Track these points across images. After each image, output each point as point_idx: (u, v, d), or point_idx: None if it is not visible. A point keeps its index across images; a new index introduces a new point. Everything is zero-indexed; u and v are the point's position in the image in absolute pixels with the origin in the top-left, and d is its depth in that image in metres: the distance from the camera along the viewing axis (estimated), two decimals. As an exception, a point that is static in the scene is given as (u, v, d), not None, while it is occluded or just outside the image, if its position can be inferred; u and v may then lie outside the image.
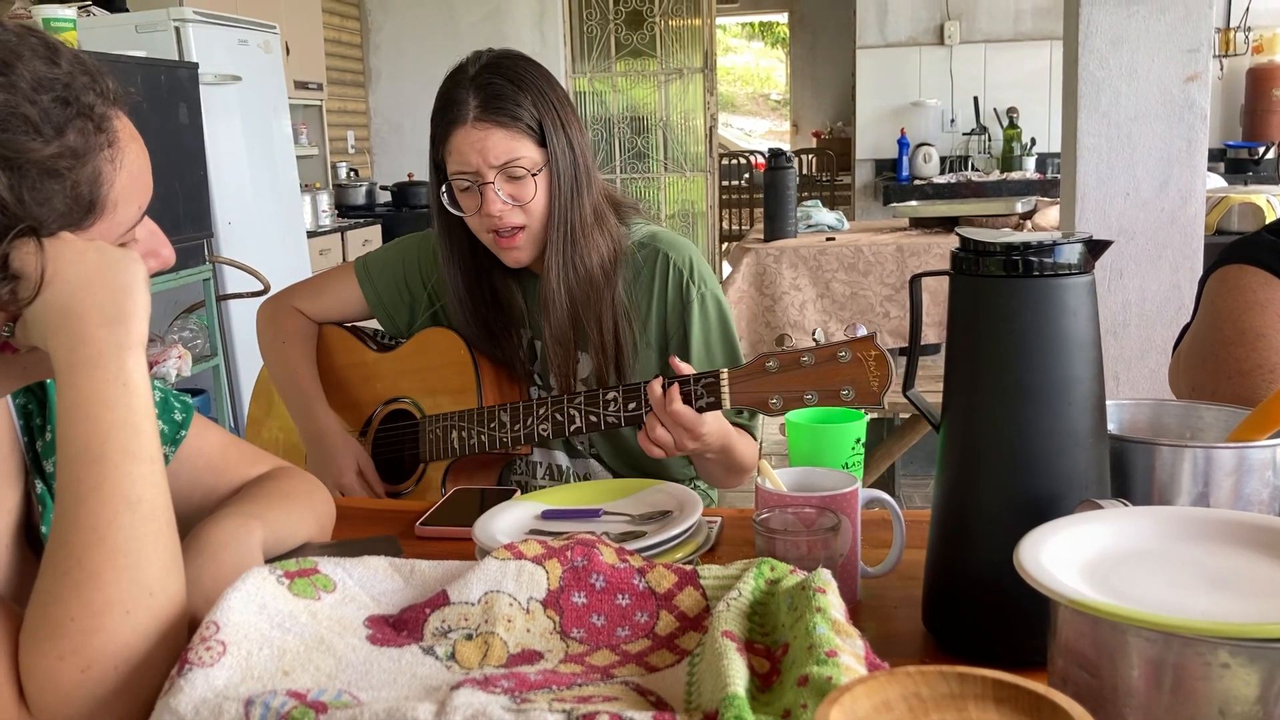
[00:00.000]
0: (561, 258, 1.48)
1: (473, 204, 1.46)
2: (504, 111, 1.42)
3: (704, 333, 1.52)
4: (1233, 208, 3.46)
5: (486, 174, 1.42)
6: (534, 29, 6.66)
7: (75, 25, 3.32)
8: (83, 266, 0.77)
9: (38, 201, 0.75)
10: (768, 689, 0.73)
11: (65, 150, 0.76)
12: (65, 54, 0.79)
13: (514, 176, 1.43)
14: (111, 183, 0.80)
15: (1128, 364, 2.59)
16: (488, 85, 1.42)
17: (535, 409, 1.45)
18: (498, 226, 1.45)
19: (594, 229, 1.50)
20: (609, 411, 1.38)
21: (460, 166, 1.44)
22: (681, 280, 1.53)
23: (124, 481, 0.76)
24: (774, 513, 0.98)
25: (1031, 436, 0.84)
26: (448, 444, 1.53)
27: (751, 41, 15.18)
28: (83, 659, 0.72)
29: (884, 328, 3.71)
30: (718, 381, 1.28)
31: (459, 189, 1.46)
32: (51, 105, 0.76)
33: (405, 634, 0.81)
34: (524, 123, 1.43)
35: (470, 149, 1.42)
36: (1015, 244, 0.84)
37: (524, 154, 1.43)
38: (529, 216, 1.46)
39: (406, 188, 6.24)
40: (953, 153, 6.77)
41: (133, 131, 0.83)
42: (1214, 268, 1.53)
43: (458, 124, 1.43)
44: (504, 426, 1.47)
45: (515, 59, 1.48)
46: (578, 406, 1.41)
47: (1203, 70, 2.48)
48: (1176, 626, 0.61)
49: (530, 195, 1.44)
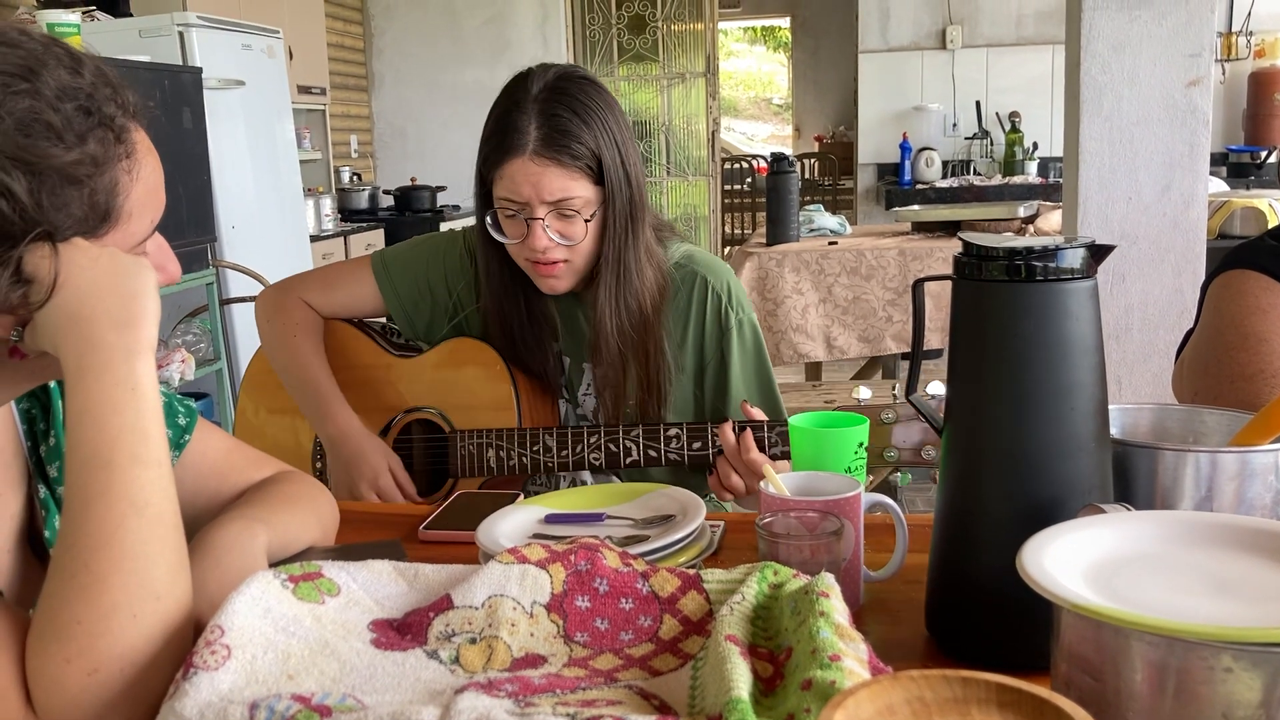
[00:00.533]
0: (615, 298, 1.44)
1: (517, 232, 1.42)
2: (564, 149, 1.36)
3: (743, 361, 1.52)
4: (1235, 212, 3.46)
5: (537, 209, 1.38)
6: (536, 33, 6.67)
7: (79, 30, 3.32)
8: (94, 272, 0.78)
9: (55, 207, 0.76)
10: (771, 693, 0.73)
11: (86, 158, 0.77)
12: (89, 65, 0.80)
13: (564, 215, 1.39)
14: (128, 193, 0.81)
15: (1130, 368, 2.59)
16: (552, 117, 1.36)
17: (586, 436, 1.42)
18: (540, 259, 1.41)
19: (645, 263, 1.46)
20: (671, 448, 1.36)
21: (510, 195, 1.39)
22: (720, 306, 1.51)
23: (131, 486, 0.76)
24: (777, 517, 0.98)
25: (1034, 441, 0.84)
26: (483, 462, 1.48)
27: (754, 46, 15.20)
28: (89, 662, 0.72)
29: (886, 332, 3.71)
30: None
31: (504, 215, 1.42)
32: (74, 114, 0.77)
33: (409, 638, 0.81)
34: (583, 161, 1.38)
35: (524, 182, 1.37)
36: (1018, 249, 0.84)
37: (578, 193, 1.38)
38: (573, 253, 1.42)
39: (409, 192, 6.25)
40: (955, 157, 6.78)
41: (149, 145, 0.84)
42: (1216, 273, 1.53)
43: (514, 153, 1.37)
44: (549, 450, 1.43)
45: (580, 84, 1.41)
46: (635, 439, 1.38)
47: (1205, 75, 2.48)
48: (1180, 631, 0.61)
49: (579, 235, 1.40)
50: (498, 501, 1.25)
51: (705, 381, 1.53)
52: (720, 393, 1.53)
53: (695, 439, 1.36)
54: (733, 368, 1.51)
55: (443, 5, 6.71)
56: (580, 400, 1.57)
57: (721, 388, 1.52)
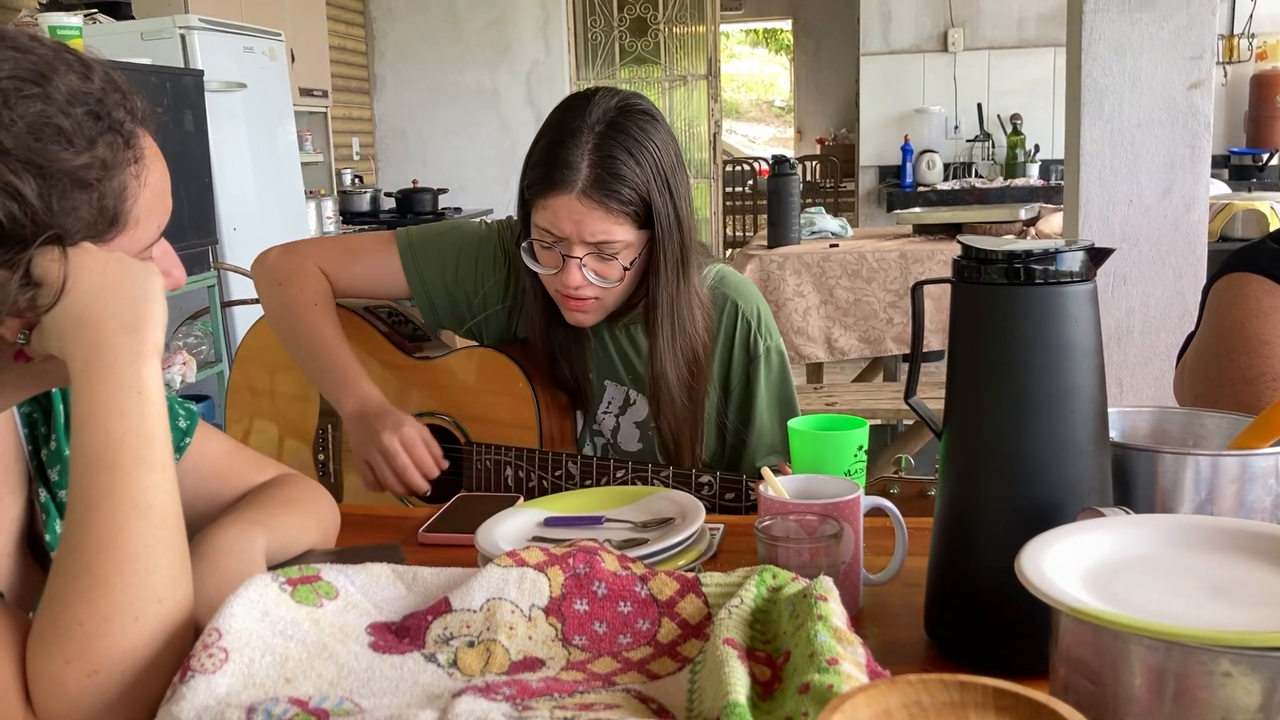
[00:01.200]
0: (673, 345, 1.41)
1: (552, 263, 1.39)
2: (614, 194, 1.32)
3: (768, 388, 1.51)
4: (1236, 214, 3.46)
5: (575, 248, 1.35)
6: (538, 36, 6.68)
7: (81, 33, 3.33)
8: (102, 276, 0.78)
9: (65, 211, 0.76)
10: (769, 697, 0.73)
11: (95, 162, 0.77)
12: (98, 71, 0.81)
13: (604, 257, 1.37)
14: (135, 198, 0.81)
15: (1131, 371, 2.59)
16: (606, 158, 1.32)
17: (613, 470, 1.38)
18: (572, 294, 1.39)
19: (695, 305, 1.43)
20: (702, 495, 1.30)
21: (550, 228, 1.36)
22: (749, 333, 1.50)
23: (135, 489, 0.77)
24: (776, 520, 0.98)
25: (1033, 444, 0.84)
26: (500, 479, 1.45)
27: (755, 48, 15.20)
28: (90, 664, 0.72)
29: (887, 334, 3.71)
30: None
31: (540, 245, 1.39)
32: (84, 118, 0.77)
33: (407, 641, 0.81)
34: (631, 207, 1.34)
35: (567, 219, 1.34)
36: (1017, 252, 0.84)
37: (620, 237, 1.35)
38: (605, 292, 1.40)
39: (410, 194, 6.25)
40: (956, 159, 6.78)
41: (157, 151, 0.85)
42: (1218, 276, 1.53)
43: (561, 189, 1.33)
44: (571, 478, 1.40)
45: (640, 119, 1.36)
46: (664, 480, 1.34)
47: (1206, 77, 2.47)
48: (1179, 635, 0.61)
49: (615, 278, 1.38)
50: (496, 505, 1.25)
51: (730, 406, 1.52)
52: (744, 419, 1.53)
53: (729, 490, 1.32)
54: (758, 395, 1.50)
55: (444, 8, 6.72)
56: (599, 418, 1.55)
57: (745, 414, 1.52)
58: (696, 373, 1.45)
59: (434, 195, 6.27)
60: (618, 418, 1.54)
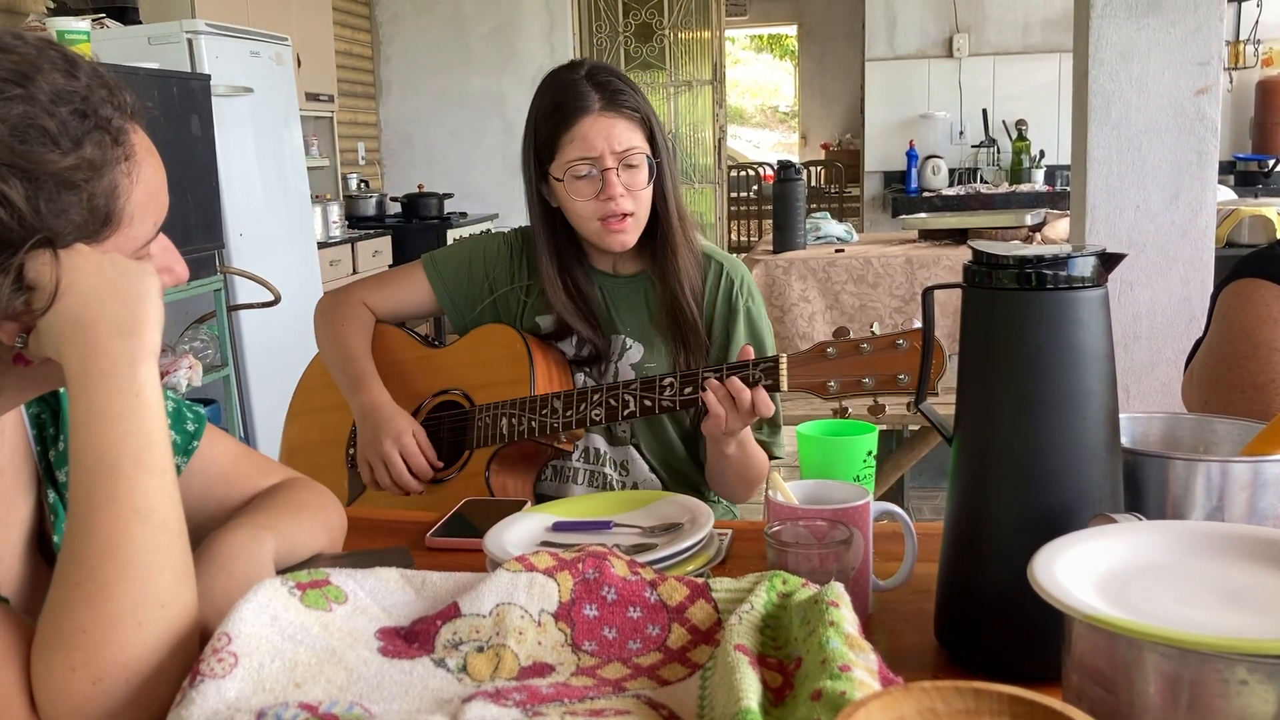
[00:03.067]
0: (682, 248, 1.59)
1: (590, 190, 1.54)
2: (626, 104, 1.54)
3: (747, 340, 1.60)
4: (1243, 220, 3.45)
5: (609, 160, 1.52)
6: (544, 41, 6.68)
7: (89, 37, 3.33)
8: (97, 278, 0.77)
9: (54, 213, 0.75)
10: (780, 703, 0.73)
11: (82, 162, 0.76)
12: (84, 67, 0.79)
13: (631, 165, 1.54)
14: (128, 196, 0.80)
15: (1138, 377, 2.58)
16: (607, 82, 1.54)
17: (589, 395, 1.49)
18: (615, 211, 1.53)
19: (689, 218, 1.62)
20: (664, 396, 1.43)
21: (584, 153, 1.52)
22: (732, 289, 1.63)
23: (136, 493, 0.76)
24: (785, 525, 0.98)
25: (1045, 450, 0.84)
26: (496, 430, 1.55)
27: (760, 54, 15.21)
28: (94, 671, 0.72)
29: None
30: (776, 366, 1.36)
31: (576, 175, 1.53)
32: (70, 117, 0.76)
33: (417, 646, 0.81)
34: (639, 116, 1.55)
35: (598, 135, 1.51)
36: (1029, 257, 0.84)
37: (638, 144, 1.54)
38: (638, 204, 1.56)
39: (416, 199, 6.25)
40: (962, 165, 6.78)
41: (149, 146, 0.83)
42: (1226, 282, 1.53)
43: (584, 112, 1.52)
44: (555, 413, 1.51)
45: (613, 69, 1.60)
46: (633, 392, 1.45)
47: (1213, 83, 2.47)
48: (1194, 643, 0.60)
49: (643, 183, 1.55)
50: (505, 509, 1.24)
51: (710, 358, 1.62)
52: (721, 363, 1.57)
53: (687, 384, 1.42)
54: (734, 346, 1.60)
55: (450, 13, 6.73)
56: (604, 371, 1.64)
57: (723, 360, 1.59)
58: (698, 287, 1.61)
59: (439, 200, 6.28)
60: (615, 364, 1.64)
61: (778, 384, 1.36)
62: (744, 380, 1.37)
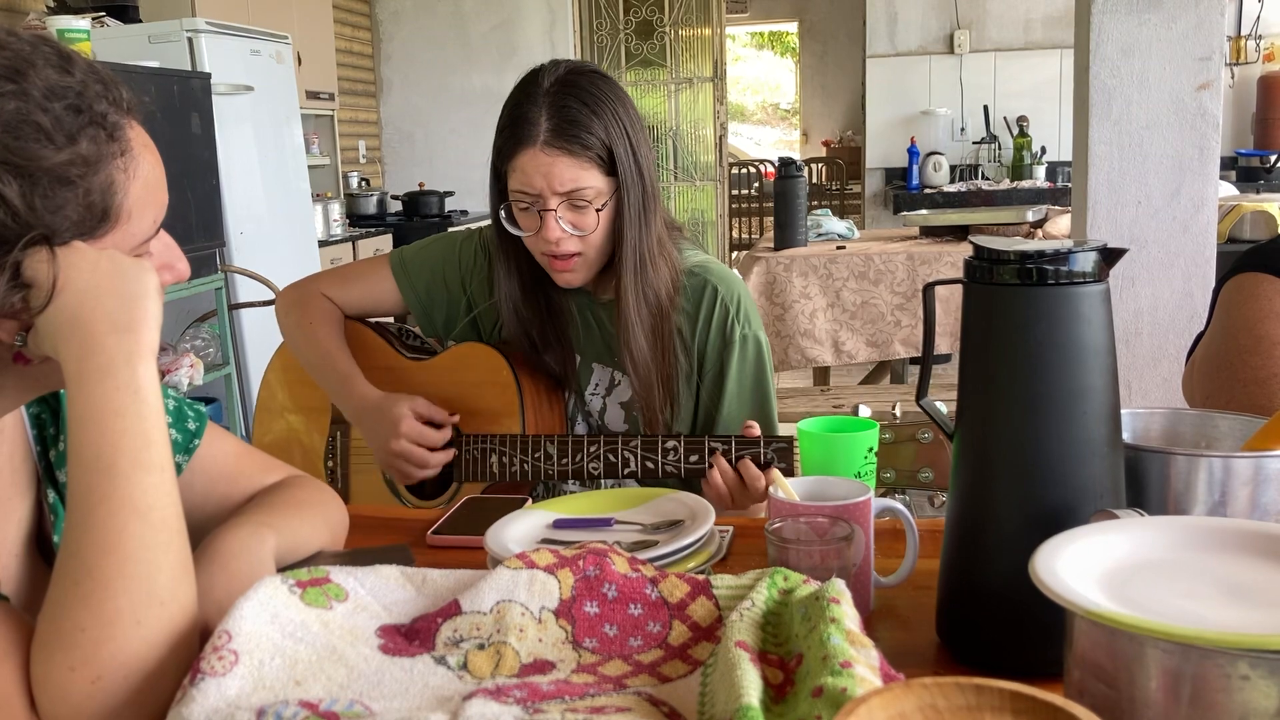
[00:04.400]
0: (636, 289, 1.45)
1: (531, 224, 1.43)
2: (575, 139, 1.38)
3: (740, 374, 1.52)
4: (1245, 216, 3.44)
5: (549, 200, 1.39)
6: (544, 38, 6.68)
7: (89, 36, 3.34)
8: (94, 275, 0.77)
9: (50, 210, 0.75)
10: (782, 700, 0.73)
11: (77, 158, 0.76)
12: (79, 63, 0.79)
13: (577, 206, 1.41)
14: (125, 191, 0.79)
15: (1140, 372, 2.58)
16: (562, 108, 1.38)
17: (586, 445, 1.44)
18: (554, 252, 1.43)
19: (659, 255, 1.48)
20: (668, 460, 1.38)
21: (523, 187, 1.40)
22: (727, 317, 1.52)
23: (135, 491, 0.76)
24: (787, 522, 0.98)
25: (1046, 446, 0.84)
26: (485, 467, 1.50)
27: (761, 51, 15.20)
28: (94, 669, 0.72)
29: (894, 337, 3.71)
30: (790, 448, 1.32)
31: (518, 208, 1.43)
32: (64, 113, 0.76)
33: (417, 643, 0.81)
34: (594, 151, 1.39)
35: (536, 173, 1.38)
36: (1030, 252, 0.83)
37: (589, 184, 1.40)
38: (586, 245, 1.43)
39: (417, 197, 6.25)
40: (963, 161, 6.77)
41: (146, 140, 0.83)
42: (1228, 276, 1.52)
43: (526, 144, 1.38)
44: (550, 459, 1.45)
45: (590, 75, 1.43)
46: (633, 450, 1.40)
47: (1214, 78, 2.47)
48: (1195, 638, 0.60)
49: (591, 226, 1.42)
50: (506, 506, 1.24)
51: (702, 391, 1.54)
52: (714, 403, 1.54)
53: (692, 453, 1.38)
54: (729, 380, 1.52)
55: (451, 11, 6.73)
56: (588, 400, 1.58)
57: (715, 399, 1.53)
58: (660, 321, 1.49)
59: (440, 198, 6.28)
60: (604, 399, 1.58)
61: (791, 468, 1.29)
62: (754, 460, 1.33)
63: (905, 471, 1.20)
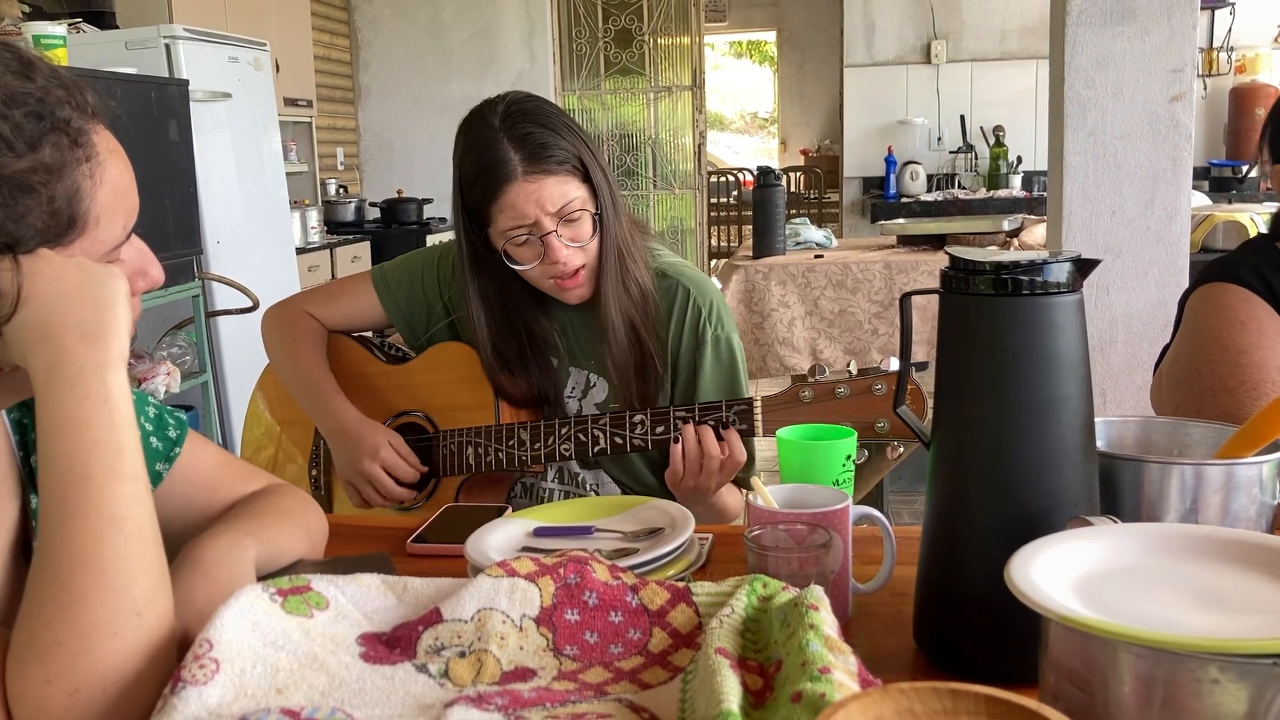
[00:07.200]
0: (616, 284, 1.48)
1: (533, 255, 1.45)
2: (550, 158, 1.41)
3: (714, 375, 1.54)
4: (1217, 225, 3.49)
5: (546, 224, 1.42)
6: (523, 47, 6.69)
7: (65, 42, 3.32)
8: (61, 283, 0.76)
9: (13, 218, 0.74)
10: (761, 706, 0.73)
11: (39, 165, 0.75)
12: (41, 69, 0.78)
13: (570, 220, 1.43)
14: (92, 197, 0.78)
15: (1114, 381, 2.61)
16: (524, 138, 1.41)
17: (557, 428, 1.46)
18: (563, 272, 1.45)
19: (633, 246, 1.51)
20: (635, 434, 1.40)
21: (517, 221, 1.42)
22: (699, 318, 1.54)
23: (108, 501, 0.75)
24: (765, 529, 0.98)
25: (1021, 454, 0.85)
26: (462, 459, 1.52)
27: (740, 59, 15.25)
28: (71, 682, 0.71)
29: (872, 345, 3.73)
30: (751, 409, 1.33)
31: (516, 243, 1.45)
32: (24, 120, 0.74)
33: (398, 651, 0.81)
34: (569, 165, 1.42)
35: (527, 202, 1.40)
36: (1005, 263, 0.85)
37: (575, 194, 1.43)
38: (587, 254, 1.47)
39: (395, 204, 6.24)
40: (940, 171, 6.81)
41: (114, 145, 0.82)
42: (1194, 287, 1.54)
43: (507, 181, 1.40)
44: (523, 445, 1.48)
45: (529, 100, 1.47)
46: (602, 428, 1.43)
47: (1187, 90, 2.50)
48: (1167, 642, 0.61)
49: (588, 234, 1.45)
50: (486, 515, 1.24)
51: (676, 391, 1.56)
52: (687, 403, 1.53)
53: (659, 424, 1.40)
54: (703, 381, 1.53)
55: (429, 18, 6.73)
56: (565, 403, 1.59)
57: (688, 399, 1.54)
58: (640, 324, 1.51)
59: (419, 205, 6.27)
60: (579, 401, 1.60)
61: (753, 428, 1.32)
62: (717, 422, 1.35)
63: (862, 424, 1.24)
